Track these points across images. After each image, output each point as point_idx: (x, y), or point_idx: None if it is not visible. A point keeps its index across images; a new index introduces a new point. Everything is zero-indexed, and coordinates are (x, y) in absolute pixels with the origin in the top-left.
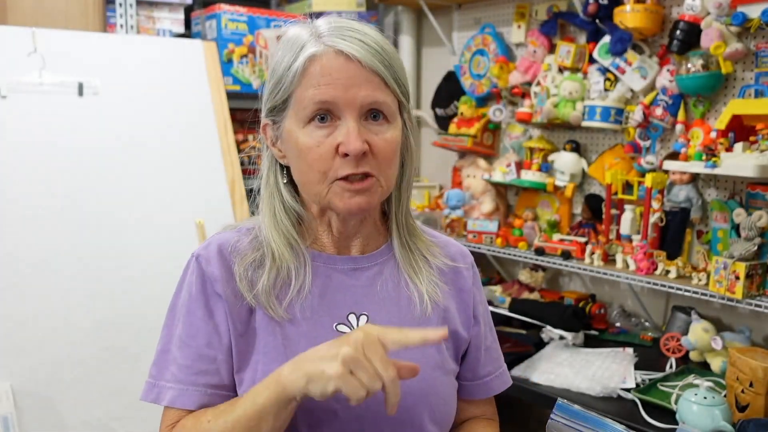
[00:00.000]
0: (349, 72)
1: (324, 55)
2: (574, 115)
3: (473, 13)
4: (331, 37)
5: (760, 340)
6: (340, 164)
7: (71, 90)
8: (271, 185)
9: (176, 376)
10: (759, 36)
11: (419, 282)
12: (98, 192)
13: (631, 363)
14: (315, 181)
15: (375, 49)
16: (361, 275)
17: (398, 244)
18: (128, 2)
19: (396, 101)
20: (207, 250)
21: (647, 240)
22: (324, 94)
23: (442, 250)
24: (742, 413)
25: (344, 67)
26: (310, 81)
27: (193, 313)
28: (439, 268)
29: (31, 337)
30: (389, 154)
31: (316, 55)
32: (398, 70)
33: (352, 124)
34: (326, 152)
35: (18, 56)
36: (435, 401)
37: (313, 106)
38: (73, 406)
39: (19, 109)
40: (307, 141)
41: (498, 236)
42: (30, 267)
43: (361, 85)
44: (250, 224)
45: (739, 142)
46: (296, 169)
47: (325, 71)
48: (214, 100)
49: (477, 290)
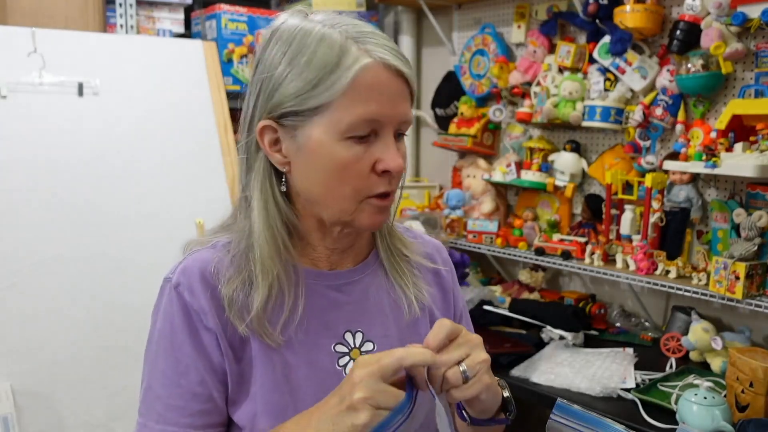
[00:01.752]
0: (395, 87)
1: (374, 67)
2: (574, 115)
3: (473, 13)
4: (372, 46)
5: (760, 340)
6: (376, 181)
7: (71, 90)
8: (267, 194)
9: (168, 419)
10: (759, 36)
11: (405, 286)
12: (98, 192)
13: (631, 363)
14: (344, 196)
15: (408, 61)
16: (353, 289)
17: (383, 250)
18: (128, 2)
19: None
20: (186, 276)
21: (647, 240)
22: (374, 111)
23: (419, 248)
24: (742, 413)
25: (392, 83)
26: (359, 95)
27: (179, 349)
28: (421, 266)
29: (31, 337)
30: (404, 168)
31: (367, 67)
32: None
33: (391, 141)
34: (364, 169)
35: (18, 56)
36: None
37: (360, 123)
38: (73, 406)
39: (19, 109)
40: (345, 156)
41: (498, 236)
42: (30, 267)
43: (403, 101)
44: (224, 239)
45: (739, 142)
46: (317, 182)
47: (375, 86)
48: (214, 100)
49: (455, 287)
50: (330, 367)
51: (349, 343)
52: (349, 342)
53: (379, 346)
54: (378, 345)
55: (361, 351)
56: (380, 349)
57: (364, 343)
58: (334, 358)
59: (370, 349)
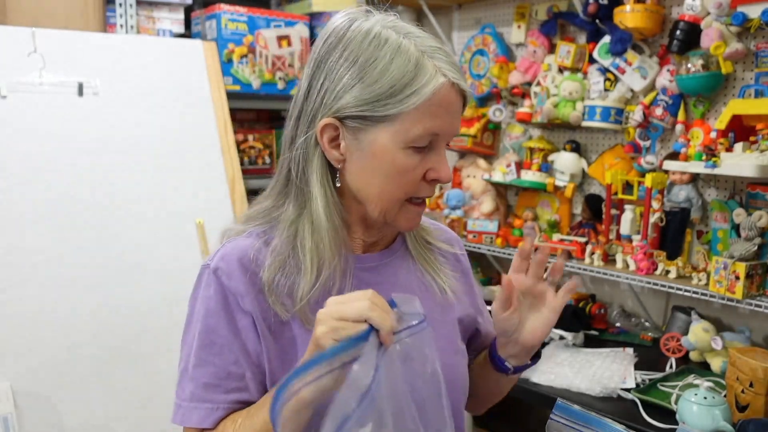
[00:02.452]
0: (457, 106)
1: (446, 86)
2: (574, 115)
3: (473, 13)
4: (443, 64)
5: (760, 340)
6: (424, 188)
7: (71, 90)
8: (326, 187)
9: (202, 397)
10: (759, 36)
11: (432, 270)
12: (98, 192)
13: (631, 363)
14: (393, 198)
15: (464, 77)
16: (384, 271)
17: (409, 238)
18: (128, 2)
19: None
20: (225, 261)
21: (647, 240)
22: (439, 127)
23: (439, 234)
24: (742, 413)
25: (456, 101)
26: (430, 110)
27: (214, 331)
28: (444, 252)
29: (31, 337)
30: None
31: (443, 86)
32: None
33: (444, 153)
34: (418, 176)
35: (18, 56)
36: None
37: (426, 135)
38: (73, 406)
39: (19, 109)
40: (405, 163)
41: (498, 236)
42: (30, 267)
43: (459, 117)
44: (258, 228)
45: (739, 142)
46: (372, 183)
47: (444, 104)
48: (214, 100)
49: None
50: None
51: None
52: None
53: None
54: None
55: None
56: None
57: None
58: None
59: None
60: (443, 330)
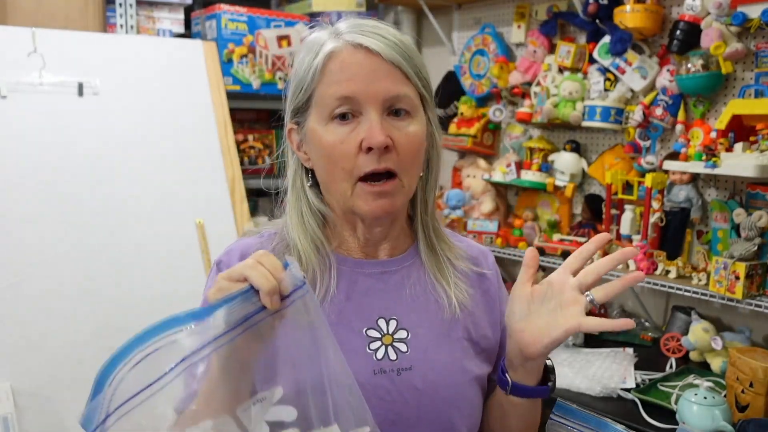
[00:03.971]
0: (369, 66)
1: (344, 50)
2: (574, 115)
3: (473, 13)
4: (350, 34)
5: (760, 340)
6: (364, 160)
7: (71, 90)
8: (298, 187)
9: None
10: (759, 36)
11: (446, 285)
12: (98, 192)
13: (631, 363)
14: (339, 179)
15: (394, 42)
16: (389, 279)
17: (424, 247)
18: (128, 2)
19: (418, 95)
20: (228, 255)
21: (647, 240)
22: (345, 89)
23: (465, 252)
24: (742, 413)
25: (365, 61)
26: (330, 77)
27: None
28: (464, 271)
29: (31, 337)
30: (412, 149)
31: (335, 50)
32: (419, 65)
33: (375, 118)
34: (350, 149)
35: (18, 56)
36: (465, 406)
37: (335, 102)
38: (73, 406)
39: (19, 109)
40: (330, 138)
41: (498, 236)
42: (30, 267)
43: (382, 78)
44: (272, 229)
45: (739, 142)
46: (321, 169)
47: (345, 66)
48: (214, 100)
49: (500, 290)
50: (360, 349)
51: (382, 329)
52: (382, 328)
53: (413, 335)
54: (412, 334)
55: (394, 338)
56: (414, 338)
57: (398, 330)
58: (365, 341)
59: (404, 337)
60: (446, 347)
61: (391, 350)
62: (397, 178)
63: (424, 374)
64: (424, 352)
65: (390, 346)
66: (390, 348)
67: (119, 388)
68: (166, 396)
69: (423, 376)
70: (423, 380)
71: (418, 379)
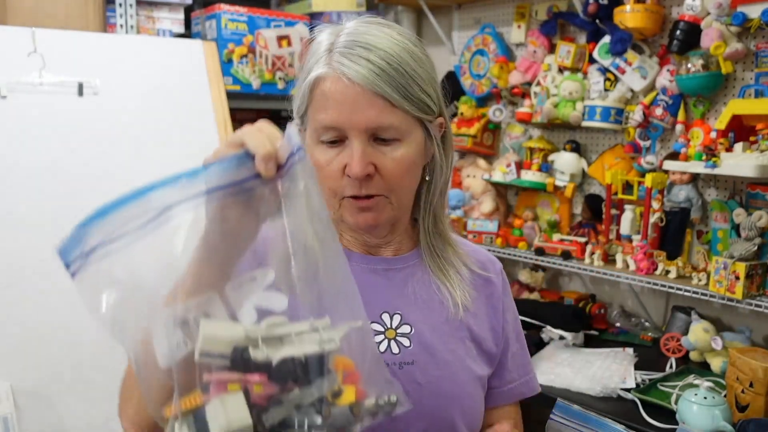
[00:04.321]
0: (352, 95)
1: (327, 78)
2: (574, 115)
3: (473, 13)
4: (339, 56)
5: (760, 340)
6: (348, 183)
7: (71, 90)
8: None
9: None
10: (759, 36)
11: (449, 286)
12: (98, 192)
13: (631, 363)
14: (328, 195)
15: (381, 67)
16: (394, 276)
17: (426, 249)
18: (128, 2)
19: (410, 117)
20: None
21: (647, 240)
22: (329, 118)
23: (472, 257)
24: (742, 413)
25: (347, 91)
26: (317, 104)
27: None
28: (468, 275)
29: (31, 337)
30: (397, 173)
31: (320, 77)
32: (412, 86)
33: (357, 147)
34: (335, 172)
35: (18, 56)
36: (467, 403)
37: (321, 129)
38: (73, 406)
39: (19, 109)
40: (319, 159)
41: (498, 236)
42: (30, 267)
43: (365, 108)
44: None
45: (739, 142)
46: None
47: (328, 95)
48: (214, 100)
49: (506, 297)
50: None
51: (386, 323)
52: (385, 322)
53: (416, 330)
54: (415, 329)
55: (397, 332)
56: (417, 334)
57: (401, 325)
58: None
59: (407, 332)
60: (449, 344)
61: (394, 344)
62: (383, 196)
63: (427, 369)
64: (426, 348)
65: (393, 340)
66: (393, 342)
67: (103, 229)
68: (146, 247)
69: (425, 371)
70: (425, 375)
71: (419, 373)
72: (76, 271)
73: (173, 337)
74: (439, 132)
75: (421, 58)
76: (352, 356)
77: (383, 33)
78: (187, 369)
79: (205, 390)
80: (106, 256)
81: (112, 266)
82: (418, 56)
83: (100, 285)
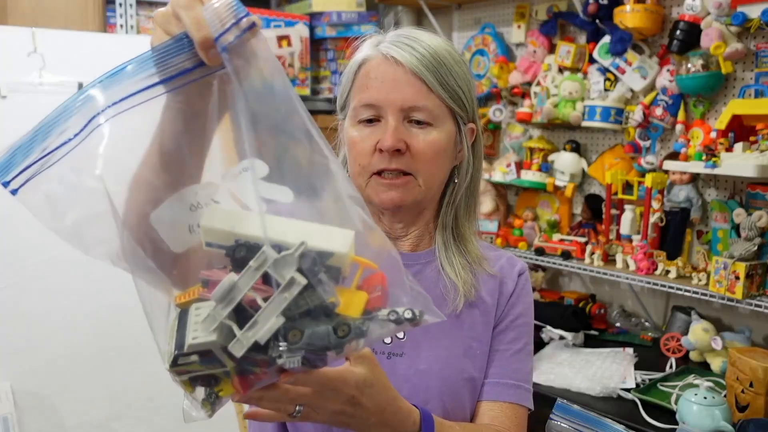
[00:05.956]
0: (393, 75)
1: (373, 59)
2: (574, 115)
3: (473, 13)
4: (386, 44)
5: (760, 340)
6: (377, 159)
7: (71, 90)
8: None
9: None
10: (759, 36)
11: (456, 279)
12: None
13: (631, 363)
14: (356, 173)
15: (422, 53)
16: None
17: (441, 245)
18: (128, 2)
19: (444, 107)
20: None
21: (647, 240)
22: (369, 96)
23: (492, 260)
24: (742, 413)
25: (389, 70)
26: (360, 84)
27: None
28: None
29: (31, 337)
30: (427, 154)
31: (366, 59)
32: (449, 77)
33: (392, 124)
34: (367, 148)
35: (18, 56)
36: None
37: (360, 107)
38: (73, 406)
39: (19, 109)
40: (354, 136)
41: (498, 236)
42: (30, 267)
43: (403, 87)
44: None
45: (739, 142)
46: (348, 164)
47: (371, 75)
48: None
49: (519, 300)
50: None
51: None
52: None
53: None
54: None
55: None
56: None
57: None
58: None
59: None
60: (445, 341)
61: None
62: (412, 176)
63: (413, 363)
64: (419, 342)
65: None
66: None
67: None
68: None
69: (411, 364)
70: (410, 369)
71: (405, 366)
72: (20, 185)
73: (187, 220)
74: (471, 137)
75: (459, 61)
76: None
77: (428, 34)
78: (196, 258)
79: (204, 285)
80: (51, 164)
81: (61, 169)
82: (457, 59)
83: (52, 191)
